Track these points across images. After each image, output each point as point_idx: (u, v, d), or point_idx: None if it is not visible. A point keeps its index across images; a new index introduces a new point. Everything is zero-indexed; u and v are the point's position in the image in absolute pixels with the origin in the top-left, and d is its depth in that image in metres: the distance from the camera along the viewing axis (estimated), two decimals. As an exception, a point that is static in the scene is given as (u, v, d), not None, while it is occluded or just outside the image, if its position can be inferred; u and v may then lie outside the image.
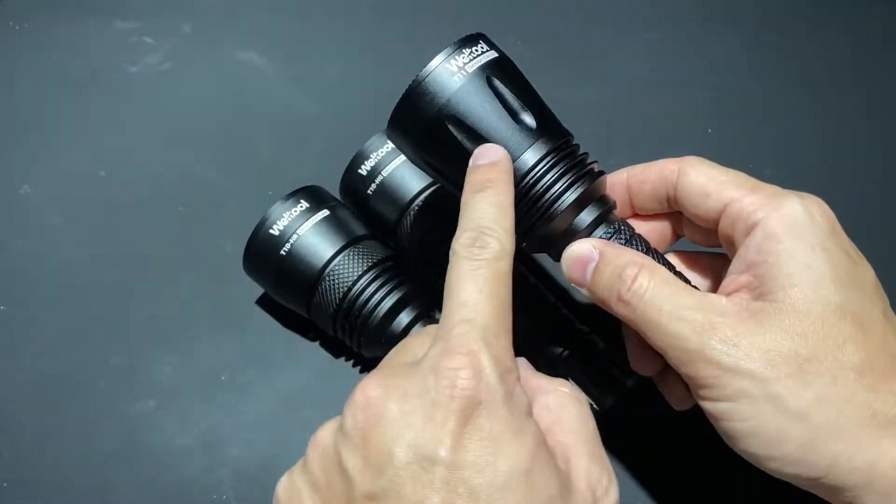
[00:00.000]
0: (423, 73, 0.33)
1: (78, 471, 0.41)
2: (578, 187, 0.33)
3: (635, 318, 0.30)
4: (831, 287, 0.29)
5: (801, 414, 0.28)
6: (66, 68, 0.57)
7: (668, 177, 0.34)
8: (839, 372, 0.28)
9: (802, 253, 0.29)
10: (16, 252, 0.49)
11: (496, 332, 0.28)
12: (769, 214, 0.30)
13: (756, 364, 0.28)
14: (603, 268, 0.32)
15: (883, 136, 0.53)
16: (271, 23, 0.59)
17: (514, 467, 0.25)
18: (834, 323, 0.28)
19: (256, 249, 0.41)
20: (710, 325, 0.29)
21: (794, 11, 0.59)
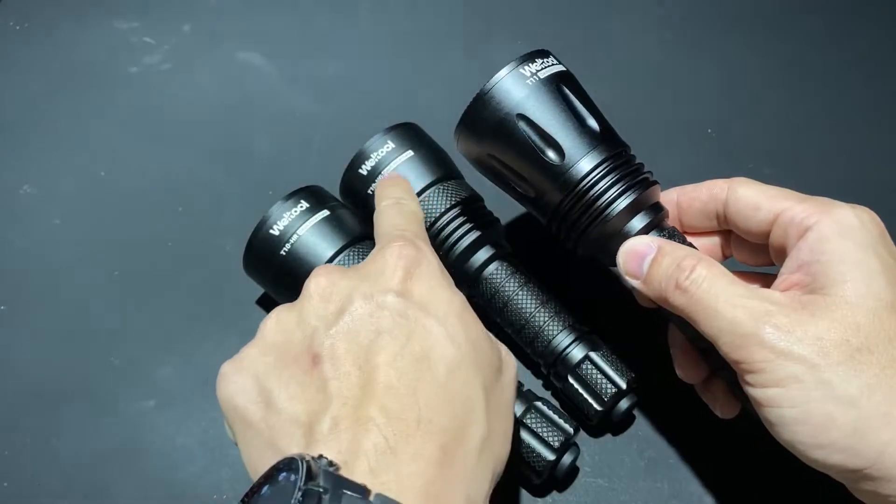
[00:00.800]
0: (497, 77, 0.35)
1: (78, 471, 0.41)
2: (633, 193, 0.35)
3: (691, 305, 0.32)
4: (883, 284, 0.30)
5: (850, 400, 0.28)
6: (66, 68, 0.57)
7: (718, 194, 0.36)
8: (890, 363, 0.28)
9: (854, 252, 0.30)
10: (16, 252, 0.49)
11: (425, 238, 0.35)
12: (821, 219, 0.32)
13: (808, 350, 0.29)
14: (661, 259, 0.33)
15: (883, 136, 0.53)
16: (271, 23, 0.59)
17: (451, 308, 0.30)
18: (885, 317, 0.29)
19: (256, 249, 0.41)
20: (765, 312, 0.30)
21: (794, 11, 0.59)
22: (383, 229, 0.35)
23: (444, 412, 0.28)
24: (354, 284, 0.31)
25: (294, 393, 0.29)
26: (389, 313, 0.30)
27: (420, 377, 0.28)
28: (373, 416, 0.27)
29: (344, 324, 0.30)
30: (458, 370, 0.29)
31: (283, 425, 0.28)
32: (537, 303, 0.41)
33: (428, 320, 0.30)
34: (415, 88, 0.56)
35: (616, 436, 0.42)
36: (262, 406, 0.29)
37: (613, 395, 0.39)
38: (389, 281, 0.31)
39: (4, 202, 0.51)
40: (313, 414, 0.28)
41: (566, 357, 0.40)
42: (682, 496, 0.40)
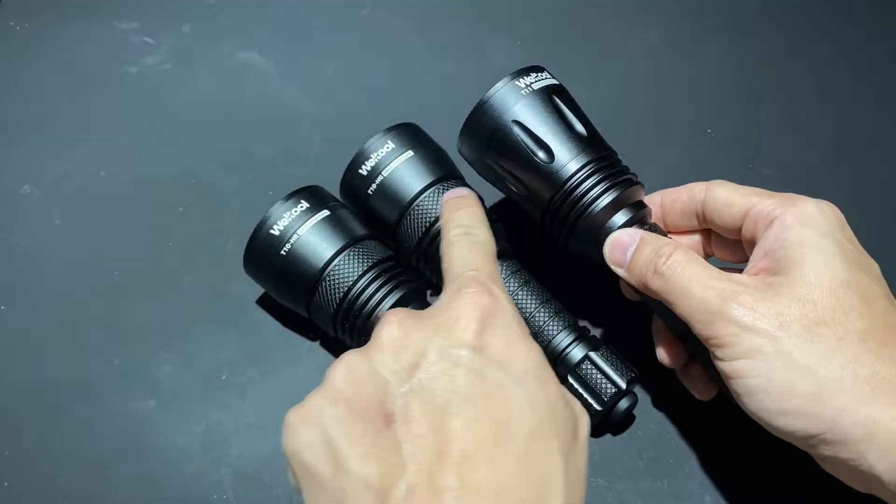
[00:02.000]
0: (495, 88, 0.39)
1: (78, 471, 0.41)
2: (616, 190, 0.38)
3: (668, 288, 0.35)
4: (839, 265, 0.33)
5: (808, 368, 0.31)
6: (66, 68, 0.57)
7: (697, 195, 0.39)
8: (844, 334, 0.31)
9: (814, 238, 0.33)
10: (16, 252, 0.49)
11: (498, 279, 0.33)
12: (785, 211, 0.35)
13: (770, 324, 0.32)
14: (643, 248, 0.36)
15: (883, 135, 0.53)
16: (271, 23, 0.59)
17: (528, 365, 0.29)
18: (841, 294, 0.32)
19: (257, 249, 0.41)
20: (732, 292, 0.33)
21: (794, 11, 0.59)
22: (455, 267, 0.33)
23: (523, 482, 0.27)
24: (428, 335, 0.30)
25: (365, 453, 0.27)
26: (465, 371, 0.28)
27: (498, 445, 0.27)
28: (450, 486, 0.26)
29: (418, 381, 0.29)
30: (538, 437, 0.28)
31: (354, 488, 0.27)
32: (537, 303, 0.41)
33: (506, 381, 0.28)
34: (415, 88, 0.56)
35: (616, 436, 0.42)
36: (331, 464, 0.28)
37: (613, 395, 0.39)
38: (464, 334, 0.29)
39: (4, 202, 0.51)
40: (387, 478, 0.27)
41: (566, 357, 0.40)
42: (682, 496, 0.40)
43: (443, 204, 0.38)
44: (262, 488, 0.41)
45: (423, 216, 0.42)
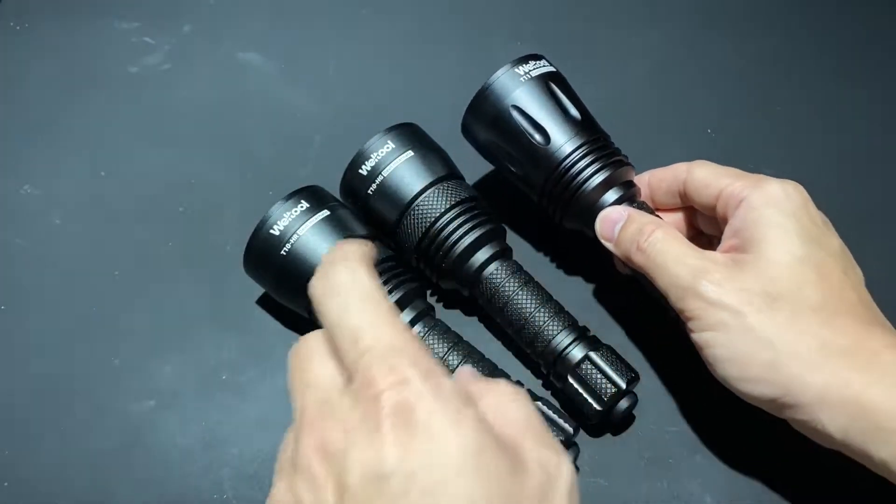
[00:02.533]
0: (496, 75, 0.42)
1: (78, 470, 0.41)
2: (607, 170, 0.41)
3: (648, 263, 0.38)
4: (797, 242, 0.35)
5: (766, 340, 0.34)
6: (66, 68, 0.57)
7: (679, 175, 0.41)
8: (799, 308, 0.34)
9: (775, 217, 0.36)
10: (16, 252, 0.49)
11: (401, 344, 0.27)
12: (752, 192, 0.37)
13: (734, 300, 0.35)
14: (629, 225, 0.39)
15: (883, 136, 0.53)
16: (271, 23, 0.59)
17: (461, 453, 0.24)
18: (797, 269, 0.35)
19: (257, 249, 0.41)
20: (702, 269, 0.36)
21: (794, 11, 0.59)
22: (347, 352, 0.27)
23: None
24: (345, 449, 0.25)
25: None
26: (391, 496, 0.24)
27: None
28: None
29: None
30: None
31: None
32: (537, 303, 0.41)
33: (438, 497, 0.24)
34: (415, 88, 0.56)
35: (616, 436, 0.42)
36: None
37: (613, 395, 0.39)
38: (380, 443, 0.25)
39: (5, 202, 0.51)
40: None
41: (566, 357, 0.40)
42: (682, 496, 0.40)
43: (312, 286, 0.29)
44: (262, 488, 0.41)
45: (423, 216, 0.42)
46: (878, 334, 0.34)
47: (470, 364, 0.40)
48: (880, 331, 0.34)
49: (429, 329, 0.41)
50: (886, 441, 0.32)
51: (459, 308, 0.46)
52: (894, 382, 0.32)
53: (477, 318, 0.45)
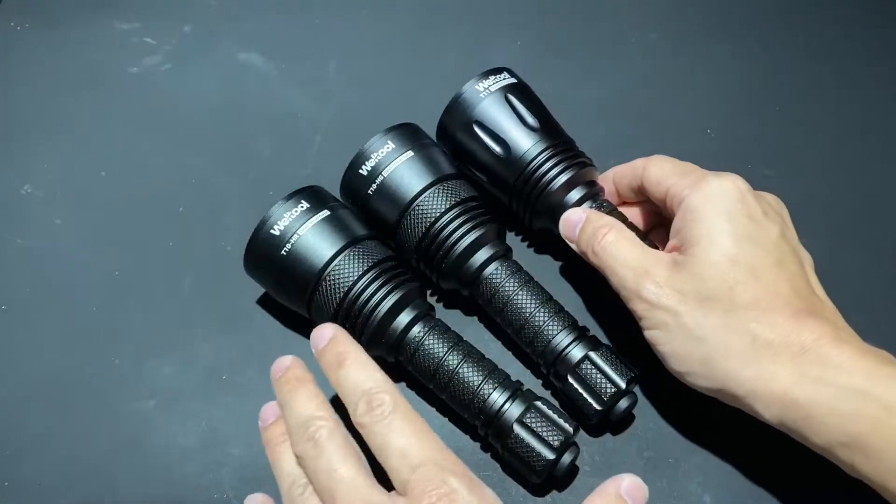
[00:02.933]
0: (461, 91, 0.44)
1: (78, 470, 0.41)
2: (568, 172, 0.43)
3: (601, 265, 0.39)
4: (729, 241, 0.36)
5: (701, 338, 0.36)
6: (66, 69, 0.57)
7: (637, 171, 0.42)
8: (731, 306, 0.35)
9: (709, 218, 0.37)
10: (17, 252, 0.49)
11: (441, 458, 0.33)
12: (691, 192, 0.38)
13: (672, 301, 0.36)
14: (586, 226, 0.41)
15: (882, 136, 0.53)
16: (271, 23, 0.59)
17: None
18: (727, 269, 0.36)
19: (257, 249, 0.41)
20: (645, 272, 0.37)
21: (794, 12, 0.59)
22: (398, 469, 0.33)
23: None
24: None
25: None
26: None
27: None
28: None
29: None
30: None
31: None
32: (537, 303, 0.41)
33: None
34: (415, 88, 0.56)
35: (615, 435, 0.42)
36: None
37: (613, 395, 0.39)
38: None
39: (5, 202, 0.51)
40: None
41: (566, 357, 0.40)
42: (681, 496, 0.40)
43: (317, 357, 0.38)
44: (262, 488, 0.41)
45: (423, 216, 0.42)
46: (810, 326, 0.34)
47: (469, 364, 0.40)
48: (813, 322, 0.35)
49: (429, 329, 0.41)
50: (818, 431, 0.33)
51: (459, 308, 0.46)
52: (820, 375, 0.33)
53: (477, 318, 0.45)
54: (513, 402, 0.39)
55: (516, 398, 0.39)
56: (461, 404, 0.40)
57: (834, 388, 0.33)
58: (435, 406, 0.43)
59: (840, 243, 0.48)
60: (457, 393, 0.40)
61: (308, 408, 0.35)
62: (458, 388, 0.39)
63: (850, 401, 0.32)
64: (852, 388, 0.32)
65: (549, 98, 0.47)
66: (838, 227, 0.49)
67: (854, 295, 0.46)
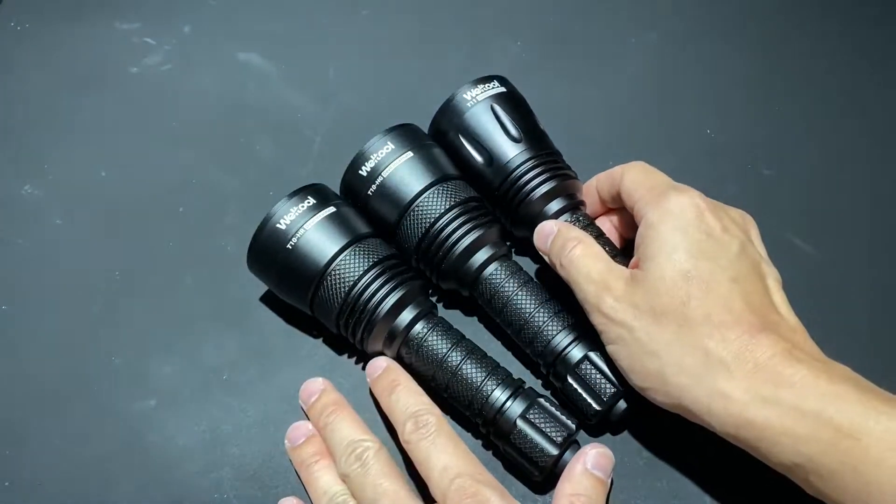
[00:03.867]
0: (448, 99, 0.45)
1: (79, 470, 0.41)
2: (549, 183, 0.43)
3: (568, 278, 0.40)
4: (683, 257, 0.36)
5: (654, 353, 0.36)
6: (67, 69, 0.57)
7: (615, 180, 0.42)
8: (683, 321, 0.35)
9: (665, 234, 0.37)
10: (17, 252, 0.49)
11: (478, 473, 0.36)
12: (650, 210, 0.38)
13: (627, 316, 0.36)
14: (556, 239, 0.41)
15: (882, 136, 0.53)
16: (271, 23, 0.60)
17: None
18: (681, 285, 0.36)
19: (262, 243, 0.41)
20: (605, 287, 0.38)
21: (794, 11, 0.60)
22: (433, 475, 0.36)
23: None
24: None
25: None
26: None
27: None
28: None
29: None
30: None
31: None
32: (537, 303, 0.41)
33: None
34: (415, 88, 0.56)
35: (615, 435, 0.42)
36: None
37: (612, 395, 0.39)
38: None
39: (6, 202, 0.51)
40: None
41: (565, 357, 0.40)
42: (681, 496, 0.40)
43: (371, 385, 0.42)
44: (263, 488, 0.41)
45: (422, 217, 0.42)
46: (763, 342, 0.34)
47: (471, 362, 0.40)
48: (766, 339, 0.34)
49: (431, 327, 0.41)
50: (772, 451, 0.33)
51: (459, 308, 0.46)
52: (772, 395, 0.32)
53: (477, 319, 0.45)
54: (515, 399, 0.39)
55: (518, 395, 0.39)
56: (463, 402, 0.40)
57: (786, 408, 0.32)
58: (436, 404, 0.42)
59: (840, 243, 0.48)
60: (459, 391, 0.40)
61: (353, 430, 0.39)
62: (460, 386, 0.39)
63: (803, 422, 0.32)
64: (805, 409, 0.32)
65: (547, 98, 0.47)
66: (838, 226, 0.49)
67: (854, 295, 0.46)
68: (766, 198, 0.49)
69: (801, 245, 0.47)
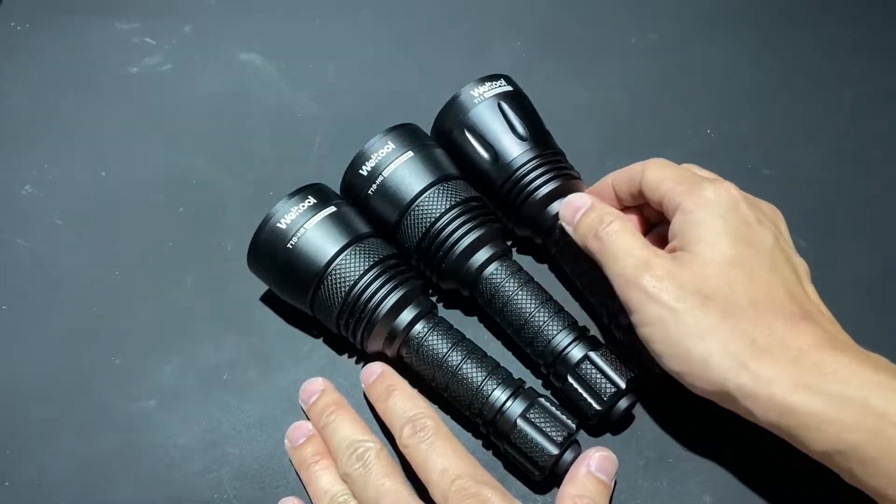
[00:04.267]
0: (456, 94, 0.45)
1: (79, 470, 0.41)
2: (553, 182, 0.43)
3: (602, 251, 0.39)
4: (727, 243, 0.37)
5: (699, 337, 0.35)
6: (67, 69, 0.57)
7: (635, 177, 0.42)
8: (729, 307, 0.35)
9: (707, 220, 0.37)
10: (17, 252, 0.49)
11: (478, 474, 0.36)
12: (686, 198, 0.38)
13: (670, 297, 0.36)
14: (590, 212, 0.41)
15: (882, 135, 0.53)
16: (272, 23, 0.60)
17: None
18: (728, 270, 0.36)
19: (263, 242, 0.41)
20: (646, 264, 0.37)
21: (794, 11, 0.60)
22: (432, 478, 0.36)
23: None
24: None
25: None
26: None
27: None
28: None
29: None
30: None
31: None
32: (537, 303, 0.41)
33: None
34: (415, 88, 0.56)
35: (615, 435, 0.42)
36: None
37: (612, 395, 0.39)
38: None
39: (6, 202, 0.51)
40: None
41: (565, 357, 0.40)
42: (681, 496, 0.40)
43: (366, 390, 0.42)
44: (263, 488, 0.41)
45: (423, 216, 0.42)
46: (806, 331, 0.35)
47: (472, 361, 0.40)
48: (808, 327, 0.35)
49: (431, 327, 0.41)
50: (814, 438, 0.33)
51: (459, 308, 0.46)
52: (816, 383, 0.33)
53: (477, 319, 0.45)
54: (515, 399, 0.39)
55: (518, 395, 0.39)
56: (463, 402, 0.40)
57: (830, 396, 0.32)
58: (437, 404, 0.43)
59: (840, 243, 0.48)
60: (459, 390, 0.40)
61: (354, 431, 0.39)
62: (460, 386, 0.39)
63: (847, 410, 0.32)
64: (849, 397, 0.32)
65: (548, 98, 0.47)
66: (838, 226, 0.49)
67: (853, 294, 0.46)
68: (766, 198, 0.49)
69: (802, 245, 0.47)
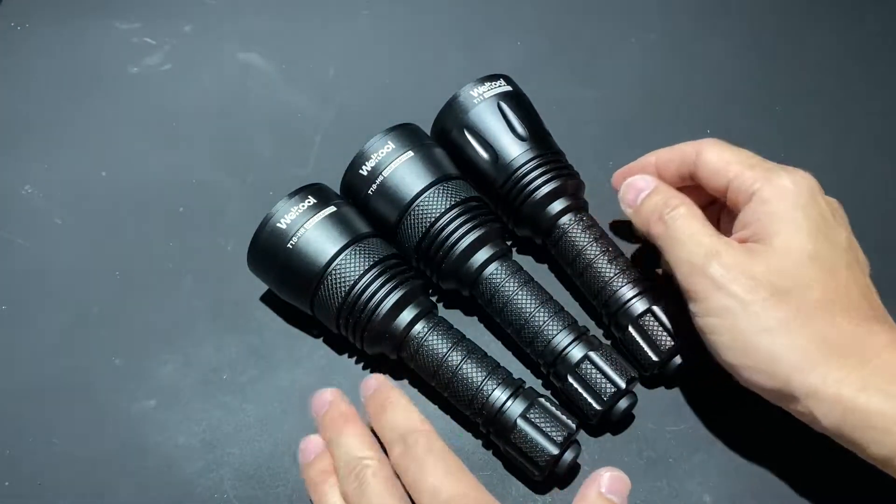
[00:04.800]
0: (455, 96, 0.45)
1: (79, 470, 0.41)
2: (553, 182, 0.43)
3: (665, 235, 0.38)
4: (806, 238, 0.35)
5: (770, 330, 0.34)
6: (67, 69, 0.57)
7: (688, 158, 0.41)
8: (804, 303, 0.34)
9: (786, 212, 0.36)
10: (17, 252, 0.49)
11: (472, 490, 0.34)
12: (763, 185, 0.37)
13: (741, 287, 0.35)
14: (654, 195, 0.40)
15: (884, 135, 0.53)
16: (272, 23, 0.60)
17: None
18: (806, 265, 0.35)
19: (263, 242, 0.41)
20: (715, 251, 0.36)
21: (794, 10, 0.60)
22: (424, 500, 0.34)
23: None
24: None
25: None
26: None
27: None
28: None
29: None
30: None
31: None
32: (537, 303, 0.41)
33: None
34: (415, 88, 0.56)
35: (615, 435, 0.42)
36: None
37: (613, 395, 0.39)
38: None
39: (6, 202, 0.51)
40: None
41: (566, 356, 0.40)
42: (681, 496, 0.40)
43: (364, 406, 0.39)
44: (263, 488, 0.41)
45: (423, 216, 0.42)
46: (878, 332, 0.34)
47: (472, 361, 0.40)
48: (881, 328, 0.34)
49: (432, 327, 0.41)
50: (878, 440, 0.32)
51: (460, 308, 0.46)
52: (887, 386, 0.32)
53: (477, 318, 0.45)
54: (515, 398, 0.39)
55: (518, 395, 0.39)
56: (463, 402, 0.40)
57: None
58: (437, 404, 0.43)
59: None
60: (459, 390, 0.40)
61: (356, 447, 0.37)
62: (460, 386, 0.39)
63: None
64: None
65: (548, 98, 0.47)
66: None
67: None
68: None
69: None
